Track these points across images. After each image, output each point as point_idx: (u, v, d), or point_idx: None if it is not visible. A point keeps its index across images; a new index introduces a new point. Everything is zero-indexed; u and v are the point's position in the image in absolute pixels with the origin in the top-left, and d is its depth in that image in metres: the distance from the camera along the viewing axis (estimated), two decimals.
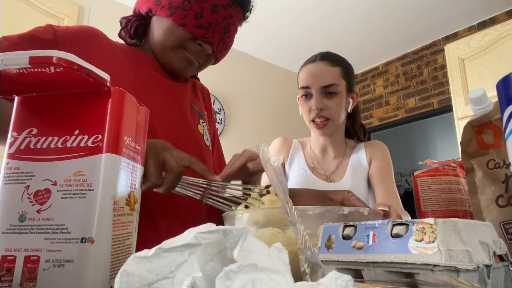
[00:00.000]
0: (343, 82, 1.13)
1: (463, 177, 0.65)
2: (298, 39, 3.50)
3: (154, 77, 0.81)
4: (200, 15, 0.75)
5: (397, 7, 3.06)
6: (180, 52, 0.79)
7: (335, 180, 1.16)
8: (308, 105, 1.13)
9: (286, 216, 0.42)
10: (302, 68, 1.18)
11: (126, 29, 0.82)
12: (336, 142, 1.20)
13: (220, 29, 0.78)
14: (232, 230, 0.21)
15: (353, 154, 1.20)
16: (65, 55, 0.32)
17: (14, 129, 0.37)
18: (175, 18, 0.75)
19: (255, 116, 3.60)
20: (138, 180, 0.41)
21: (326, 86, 1.10)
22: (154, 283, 0.20)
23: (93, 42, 0.75)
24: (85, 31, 0.75)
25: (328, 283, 0.20)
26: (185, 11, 0.75)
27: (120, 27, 0.83)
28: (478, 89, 0.51)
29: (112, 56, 0.76)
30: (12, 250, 0.33)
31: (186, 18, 0.75)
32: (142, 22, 0.81)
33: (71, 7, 2.58)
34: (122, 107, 0.37)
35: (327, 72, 1.12)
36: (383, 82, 4.00)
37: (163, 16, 0.76)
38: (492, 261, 0.30)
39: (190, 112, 0.86)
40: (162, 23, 0.77)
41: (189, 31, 0.76)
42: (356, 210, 0.49)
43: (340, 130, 1.19)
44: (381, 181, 1.12)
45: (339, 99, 1.12)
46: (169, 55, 0.79)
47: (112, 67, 0.74)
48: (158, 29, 0.78)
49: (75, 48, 0.70)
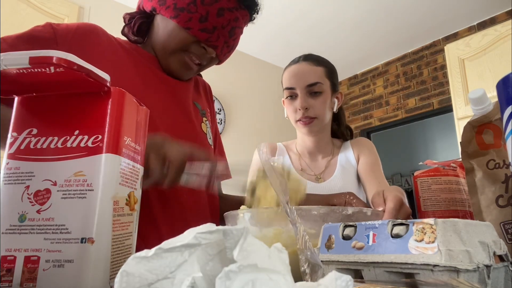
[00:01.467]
0: (327, 82, 1.14)
1: (463, 177, 0.65)
2: (299, 40, 3.50)
3: (157, 76, 0.81)
4: (205, 19, 0.74)
5: (397, 7, 3.06)
6: (180, 56, 0.78)
7: (325, 179, 1.16)
8: (294, 106, 1.13)
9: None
10: (285, 70, 1.19)
11: (130, 26, 0.81)
12: (323, 143, 1.20)
13: (225, 32, 0.76)
14: (232, 230, 0.21)
15: (340, 152, 1.21)
16: (65, 55, 0.32)
17: (14, 129, 0.37)
18: (180, 21, 0.74)
19: (255, 116, 3.60)
20: (139, 180, 0.41)
21: (310, 84, 1.11)
22: (154, 283, 0.20)
23: (93, 40, 0.74)
24: (86, 29, 0.74)
25: (328, 283, 0.20)
26: (190, 14, 0.73)
27: (124, 23, 0.82)
28: (478, 89, 0.51)
29: (113, 53, 0.75)
30: (12, 250, 0.33)
31: (190, 21, 0.73)
32: (145, 19, 0.81)
33: (71, 7, 2.58)
34: (122, 107, 0.37)
35: (311, 71, 1.13)
36: (383, 82, 4.00)
37: (167, 16, 0.75)
38: (492, 261, 0.30)
39: (193, 111, 0.86)
40: (166, 23, 0.76)
41: (193, 34, 0.74)
42: (360, 210, 0.49)
43: (326, 130, 1.20)
44: (371, 175, 1.13)
45: (324, 98, 1.13)
46: (169, 57, 0.79)
47: (113, 65, 0.73)
48: (161, 29, 0.77)
49: (75, 46, 0.69)
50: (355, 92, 4.26)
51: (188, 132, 0.81)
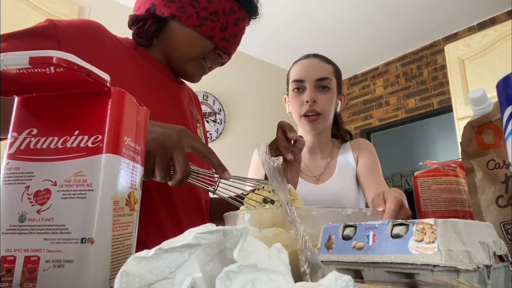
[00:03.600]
0: (335, 81, 1.16)
1: (463, 177, 0.65)
2: (299, 40, 3.50)
3: (159, 79, 0.81)
4: (225, 28, 0.78)
5: (397, 7, 3.06)
6: (199, 61, 0.81)
7: (324, 180, 1.16)
8: (300, 99, 1.13)
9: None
10: (294, 64, 1.20)
11: (142, 29, 0.80)
12: (323, 143, 1.20)
13: (237, 40, 0.82)
14: (232, 230, 0.21)
15: (340, 153, 1.21)
16: (65, 56, 0.32)
17: (14, 129, 0.37)
18: (204, 30, 0.76)
19: (255, 116, 3.60)
20: (138, 180, 0.41)
21: (320, 79, 1.12)
22: (154, 284, 0.20)
23: (97, 38, 0.73)
24: (88, 26, 0.73)
25: (328, 284, 0.20)
26: (213, 23, 0.76)
27: (132, 25, 0.81)
28: (478, 89, 0.51)
29: (115, 52, 0.75)
30: (12, 250, 0.33)
31: (213, 31, 0.77)
32: (159, 24, 0.80)
33: (71, 7, 2.58)
34: (122, 107, 0.37)
35: (321, 66, 1.14)
36: (383, 82, 4.00)
37: (189, 25, 0.76)
38: (492, 262, 0.30)
39: (189, 116, 0.87)
40: (185, 31, 0.77)
41: (215, 43, 0.78)
42: (360, 210, 0.49)
43: (327, 131, 1.20)
44: (371, 177, 1.13)
45: (331, 95, 1.14)
46: (187, 63, 0.81)
47: (116, 65, 0.73)
48: (179, 36, 0.78)
49: (78, 45, 0.69)
50: (355, 92, 4.26)
51: None
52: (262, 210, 0.53)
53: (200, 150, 0.57)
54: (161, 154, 0.52)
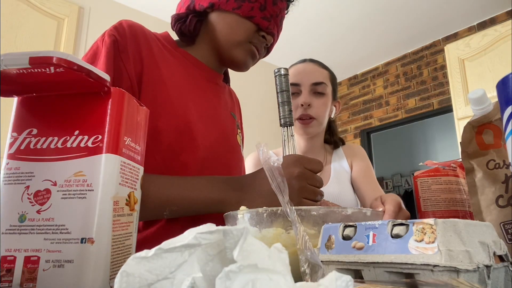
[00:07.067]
0: (330, 86, 1.16)
1: (463, 177, 0.65)
2: (299, 40, 3.50)
3: (203, 82, 0.80)
4: (264, 7, 0.77)
5: (397, 7, 3.06)
6: (246, 45, 0.79)
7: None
8: (295, 102, 1.13)
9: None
10: (290, 68, 1.20)
11: (184, 25, 0.78)
12: (316, 147, 1.20)
13: (278, 21, 0.81)
14: (232, 230, 0.21)
15: (333, 159, 1.22)
16: (65, 55, 0.32)
17: (14, 129, 0.37)
18: (243, 11, 0.76)
19: (255, 116, 3.60)
20: (139, 180, 0.41)
21: (315, 83, 1.12)
22: (154, 284, 0.20)
23: (143, 40, 0.72)
24: (133, 29, 0.71)
25: (328, 284, 0.19)
26: (251, 3, 0.76)
27: (173, 23, 0.80)
28: (478, 89, 0.51)
29: (159, 53, 0.74)
30: (12, 250, 0.33)
31: (253, 10, 0.76)
32: (199, 18, 0.80)
33: (71, 7, 2.58)
34: (122, 107, 0.37)
35: (317, 71, 1.15)
36: (383, 82, 4.00)
37: (229, 9, 0.76)
38: (492, 262, 0.30)
39: (230, 122, 0.86)
40: (225, 17, 0.77)
41: (256, 22, 0.77)
42: (359, 210, 0.49)
43: (320, 136, 1.20)
44: (367, 182, 1.15)
45: (326, 100, 1.14)
46: (235, 49, 0.79)
47: (163, 67, 0.72)
48: (221, 24, 0.77)
49: (133, 51, 0.68)
50: (355, 92, 4.26)
51: (226, 146, 0.81)
52: (262, 210, 0.53)
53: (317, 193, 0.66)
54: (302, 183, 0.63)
